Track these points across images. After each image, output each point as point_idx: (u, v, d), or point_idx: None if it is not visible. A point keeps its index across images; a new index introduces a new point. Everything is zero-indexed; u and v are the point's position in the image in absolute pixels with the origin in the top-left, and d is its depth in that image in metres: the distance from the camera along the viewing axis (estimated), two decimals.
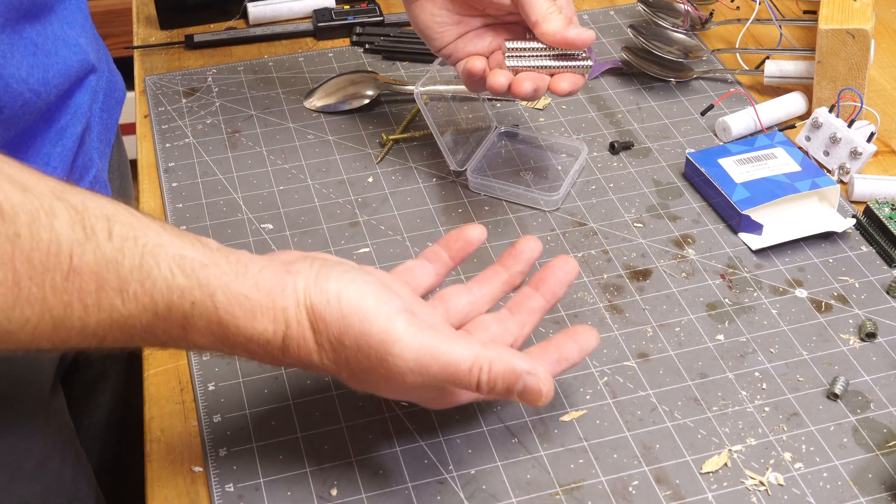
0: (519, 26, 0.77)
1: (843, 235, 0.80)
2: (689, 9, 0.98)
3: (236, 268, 0.54)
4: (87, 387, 0.88)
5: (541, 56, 0.76)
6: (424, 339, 0.54)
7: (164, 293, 0.52)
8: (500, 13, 0.77)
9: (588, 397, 0.68)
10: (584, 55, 0.75)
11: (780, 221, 0.80)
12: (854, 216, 0.81)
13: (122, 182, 0.88)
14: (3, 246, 0.47)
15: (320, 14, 1.04)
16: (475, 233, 0.65)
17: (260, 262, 0.55)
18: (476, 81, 0.77)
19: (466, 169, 0.84)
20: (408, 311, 0.55)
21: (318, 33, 1.04)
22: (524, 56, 0.76)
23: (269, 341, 0.55)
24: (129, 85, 0.89)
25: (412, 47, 1.01)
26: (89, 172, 0.75)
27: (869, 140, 0.85)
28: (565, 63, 0.75)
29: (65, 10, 0.69)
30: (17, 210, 0.47)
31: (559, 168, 0.87)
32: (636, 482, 0.63)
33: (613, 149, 0.89)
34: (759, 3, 1.01)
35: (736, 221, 0.80)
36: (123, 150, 0.92)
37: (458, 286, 0.64)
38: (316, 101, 0.94)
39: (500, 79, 0.75)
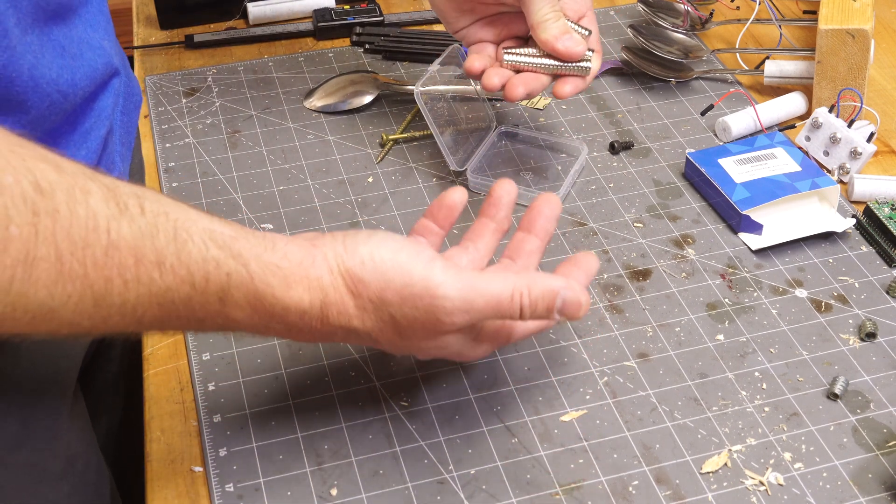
0: None
1: (843, 235, 0.80)
2: (689, 9, 0.98)
3: (263, 242, 0.55)
4: (99, 392, 0.88)
5: (538, 56, 0.76)
6: (464, 278, 0.56)
7: (199, 264, 0.52)
8: (515, 4, 0.78)
9: (588, 397, 0.68)
10: (585, 57, 0.75)
11: (780, 221, 0.80)
12: (854, 216, 0.81)
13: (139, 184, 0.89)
14: (44, 222, 0.47)
15: (320, 14, 1.04)
16: (456, 196, 0.65)
17: (285, 237, 0.57)
18: (475, 80, 0.79)
19: (466, 169, 0.84)
20: (440, 258, 0.57)
21: (318, 33, 1.04)
22: (522, 54, 0.76)
23: (306, 311, 0.55)
24: None
25: (412, 47, 1.01)
26: (112, 175, 0.75)
27: (869, 140, 0.85)
28: (562, 64, 0.76)
29: (87, 12, 0.69)
30: (54, 187, 0.47)
31: (559, 168, 0.87)
32: (636, 482, 0.63)
33: (613, 149, 0.89)
34: (759, 3, 1.01)
35: (736, 221, 0.80)
36: (141, 153, 0.92)
37: (455, 248, 0.65)
38: (316, 101, 0.94)
39: (493, 79, 0.77)
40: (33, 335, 0.50)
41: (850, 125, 0.85)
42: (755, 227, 0.79)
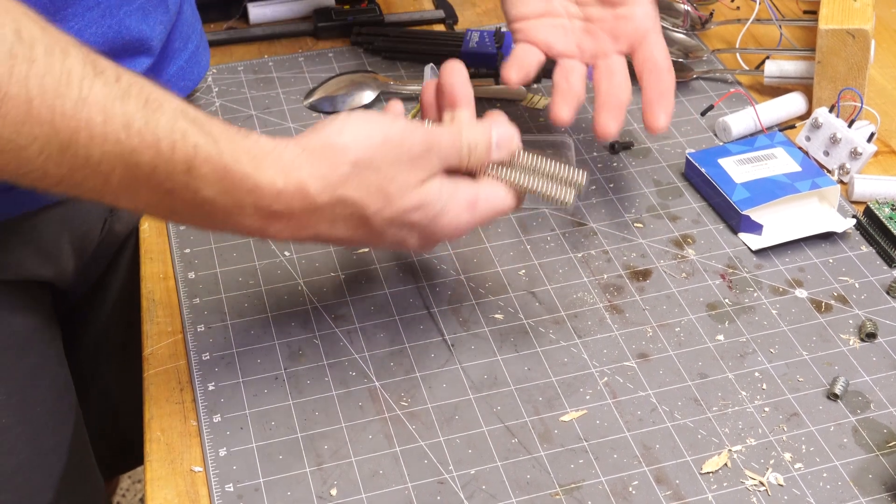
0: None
1: (843, 235, 0.80)
2: (689, 9, 0.98)
3: (235, 129, 0.58)
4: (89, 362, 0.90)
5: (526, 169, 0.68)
6: (427, 129, 0.62)
7: (167, 132, 0.54)
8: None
9: (588, 397, 0.68)
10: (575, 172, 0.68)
11: (780, 221, 0.80)
12: (854, 216, 0.81)
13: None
14: (19, 66, 0.50)
15: (320, 14, 1.04)
16: (454, 77, 0.67)
17: (258, 133, 0.59)
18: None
19: None
20: (405, 119, 0.62)
21: (318, 33, 1.03)
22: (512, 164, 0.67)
23: (281, 191, 0.57)
24: None
25: (412, 47, 1.00)
26: None
27: (869, 140, 0.85)
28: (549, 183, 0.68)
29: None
30: (35, 40, 0.51)
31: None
32: (636, 482, 0.63)
33: (613, 149, 0.89)
34: (759, 3, 1.01)
35: (736, 221, 0.80)
36: None
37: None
38: (316, 101, 0.94)
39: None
40: (5, 174, 0.53)
41: (850, 125, 0.85)
42: (755, 227, 0.79)
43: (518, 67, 0.77)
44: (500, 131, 0.65)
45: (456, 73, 0.67)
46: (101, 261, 0.87)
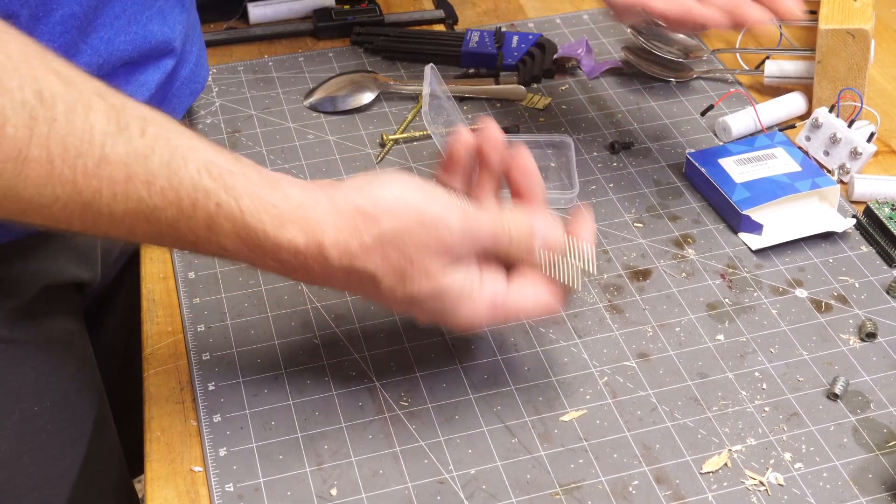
0: None
1: (843, 235, 0.80)
2: None
3: (265, 180, 0.57)
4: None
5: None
6: (465, 209, 0.60)
7: (189, 191, 0.54)
8: None
9: (588, 397, 0.68)
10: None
11: (780, 221, 0.80)
12: (854, 216, 0.81)
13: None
14: (40, 128, 0.50)
15: (320, 14, 1.04)
16: (459, 144, 0.63)
17: (292, 179, 0.58)
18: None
19: None
20: (446, 193, 0.60)
21: (318, 33, 1.03)
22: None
23: (300, 251, 0.57)
24: None
25: (412, 47, 1.00)
26: None
27: (869, 140, 0.85)
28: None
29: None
30: (56, 99, 0.51)
31: (553, 165, 0.87)
32: (636, 482, 0.63)
33: (613, 149, 0.89)
34: None
35: (736, 221, 0.80)
36: None
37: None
38: (316, 101, 0.94)
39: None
40: (29, 223, 0.54)
41: (850, 125, 0.85)
42: (755, 227, 0.79)
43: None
44: (546, 231, 0.62)
45: (523, 153, 0.64)
46: (120, 261, 0.88)
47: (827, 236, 0.80)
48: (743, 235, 0.80)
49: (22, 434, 0.70)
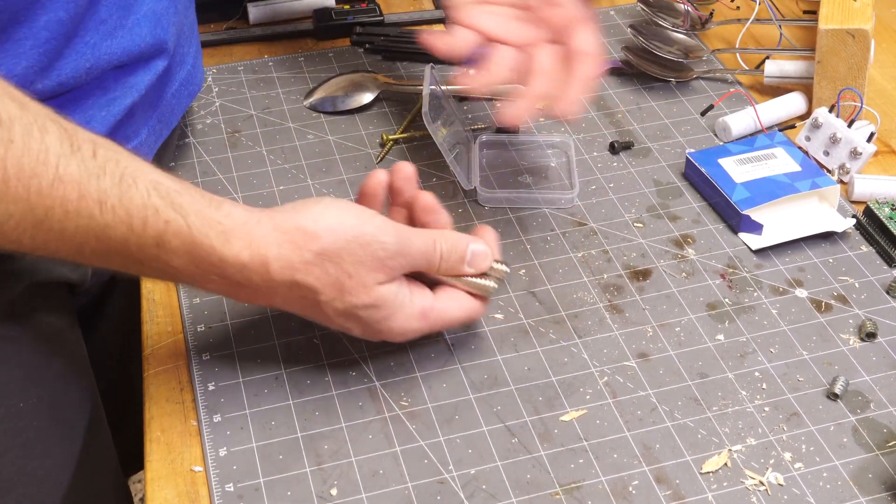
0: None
1: (843, 235, 0.80)
2: (689, 9, 0.98)
3: (209, 200, 0.60)
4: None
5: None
6: (399, 228, 0.64)
7: (139, 209, 0.57)
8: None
9: (588, 397, 0.68)
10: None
11: (780, 221, 0.80)
12: (854, 216, 0.81)
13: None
14: None
15: (320, 14, 1.04)
16: (374, 181, 0.68)
17: (234, 201, 0.62)
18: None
19: (475, 186, 0.83)
20: (381, 215, 0.64)
21: (318, 33, 1.03)
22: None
23: (245, 265, 0.60)
24: None
25: (412, 47, 1.00)
26: (131, 144, 0.78)
27: (869, 140, 0.85)
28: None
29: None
30: (13, 121, 0.53)
31: (553, 165, 0.87)
32: (636, 482, 0.63)
33: (613, 149, 0.89)
34: (759, 3, 1.01)
35: (736, 221, 0.80)
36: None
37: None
38: (316, 101, 0.94)
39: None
40: None
41: (850, 125, 0.85)
42: (755, 227, 0.79)
43: (449, 43, 0.77)
44: (476, 249, 0.67)
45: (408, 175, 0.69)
46: None
47: (827, 236, 0.80)
48: (743, 235, 0.80)
49: (7, 430, 0.70)
